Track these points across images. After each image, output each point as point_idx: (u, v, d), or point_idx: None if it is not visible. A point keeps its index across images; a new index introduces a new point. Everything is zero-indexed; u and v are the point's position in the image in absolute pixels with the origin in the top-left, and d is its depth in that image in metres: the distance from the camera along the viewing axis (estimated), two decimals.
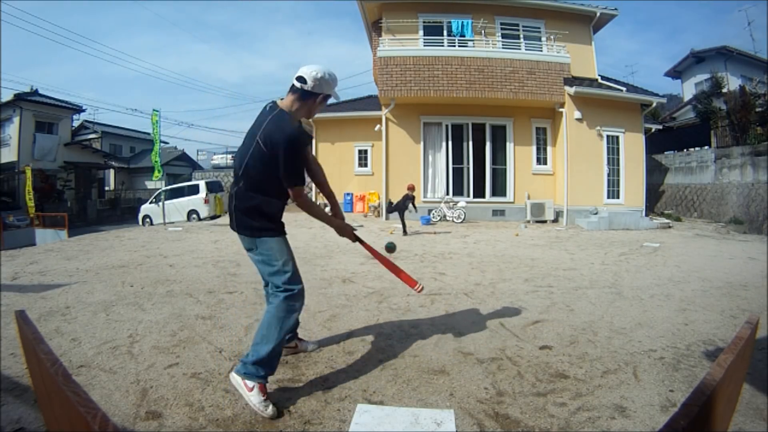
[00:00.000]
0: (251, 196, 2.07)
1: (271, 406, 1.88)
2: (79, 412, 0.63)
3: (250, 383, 1.90)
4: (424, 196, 11.69)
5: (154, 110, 12.15)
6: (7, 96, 20.52)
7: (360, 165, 14.53)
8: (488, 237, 8.33)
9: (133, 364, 2.41)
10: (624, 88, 11.50)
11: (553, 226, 10.64)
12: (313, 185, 13.83)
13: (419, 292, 2.55)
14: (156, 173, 12.30)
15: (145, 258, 5.88)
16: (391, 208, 9.14)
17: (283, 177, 2.02)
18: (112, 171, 27.83)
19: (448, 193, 11.57)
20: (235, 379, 1.96)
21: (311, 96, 2.09)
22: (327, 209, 2.61)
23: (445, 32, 11.56)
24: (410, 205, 8.87)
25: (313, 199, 13.00)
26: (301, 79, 2.05)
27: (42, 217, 16.08)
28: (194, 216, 14.31)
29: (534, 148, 11.87)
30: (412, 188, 9.04)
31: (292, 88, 2.10)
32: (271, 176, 2.04)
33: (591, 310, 3.52)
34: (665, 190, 14.72)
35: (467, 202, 11.30)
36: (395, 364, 2.46)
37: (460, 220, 10.81)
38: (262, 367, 1.93)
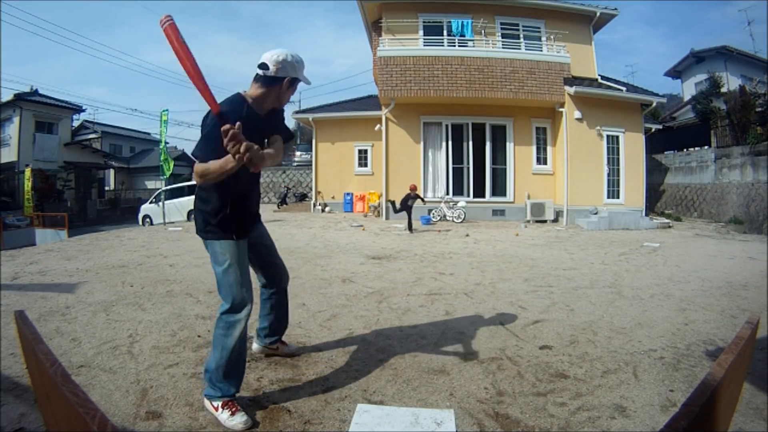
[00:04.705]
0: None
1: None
2: (78, 412, 0.62)
3: None
4: (424, 196, 11.68)
5: (163, 111, 12.30)
6: (7, 96, 20.56)
7: (360, 165, 14.53)
8: (488, 237, 8.32)
9: (133, 364, 2.40)
10: (624, 88, 11.50)
11: (553, 225, 10.64)
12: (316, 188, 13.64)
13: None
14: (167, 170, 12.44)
15: (145, 258, 5.88)
16: (396, 208, 9.36)
17: None
18: (112, 171, 27.85)
19: (448, 193, 11.58)
20: None
21: (276, 82, 1.97)
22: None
23: (445, 32, 11.56)
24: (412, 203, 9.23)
25: (315, 201, 12.82)
26: (263, 65, 1.94)
27: (42, 217, 16.08)
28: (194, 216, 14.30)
29: (534, 147, 11.87)
30: (414, 188, 9.38)
31: (255, 77, 1.98)
32: None
33: (591, 310, 3.52)
34: (665, 189, 14.72)
35: (467, 202, 11.30)
36: (395, 364, 2.45)
37: (459, 220, 10.81)
38: None
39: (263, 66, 1.94)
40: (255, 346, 2.50)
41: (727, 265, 5.64)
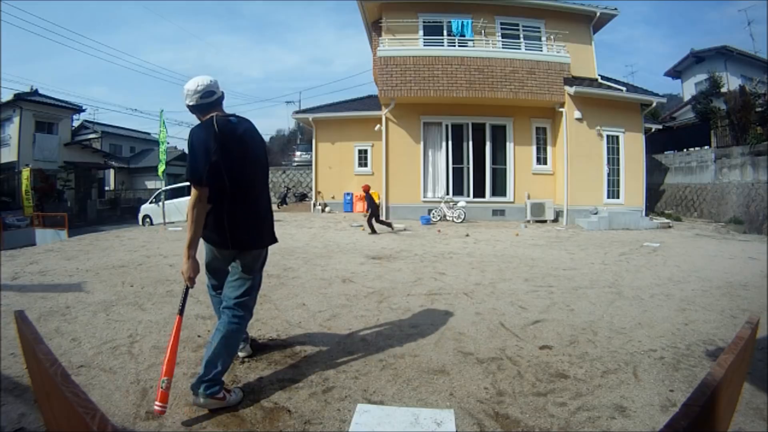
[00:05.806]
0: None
1: None
2: (78, 412, 0.62)
3: None
4: (424, 196, 11.70)
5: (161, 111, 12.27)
6: (7, 96, 20.54)
7: (360, 165, 14.53)
8: (488, 237, 8.32)
9: (133, 364, 2.41)
10: (624, 88, 11.50)
11: (553, 225, 10.64)
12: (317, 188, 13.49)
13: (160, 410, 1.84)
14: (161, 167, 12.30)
15: (145, 258, 5.88)
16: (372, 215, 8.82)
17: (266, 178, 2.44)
18: (112, 171, 27.82)
19: (448, 193, 11.57)
20: None
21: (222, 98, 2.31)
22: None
23: (445, 32, 11.56)
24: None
25: (315, 201, 12.39)
26: (215, 93, 2.17)
27: (42, 217, 16.06)
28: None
29: (534, 147, 11.88)
30: (367, 188, 8.95)
31: (219, 102, 2.20)
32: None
33: (591, 310, 3.52)
34: (665, 189, 14.71)
35: (467, 202, 11.30)
36: (395, 364, 2.45)
37: (459, 220, 10.81)
38: None
39: (215, 93, 2.17)
40: (241, 354, 2.52)
41: (727, 265, 5.64)
